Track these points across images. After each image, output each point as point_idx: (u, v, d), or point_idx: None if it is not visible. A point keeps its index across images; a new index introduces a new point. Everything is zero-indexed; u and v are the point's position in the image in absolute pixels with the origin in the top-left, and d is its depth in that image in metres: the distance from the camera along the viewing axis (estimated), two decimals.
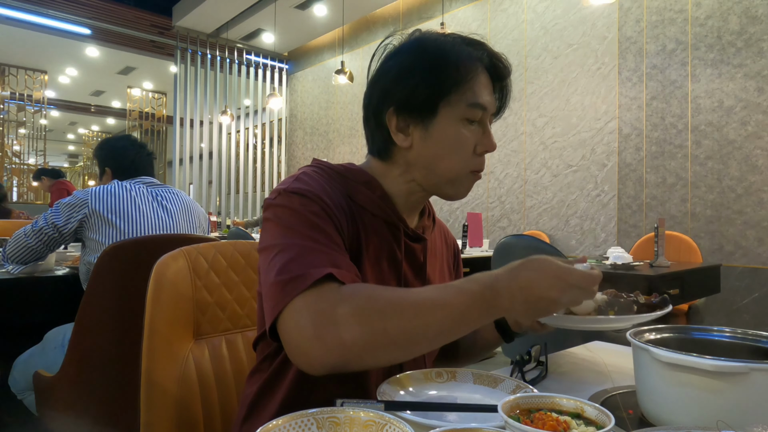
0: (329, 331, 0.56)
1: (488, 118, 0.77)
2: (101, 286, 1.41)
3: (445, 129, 0.73)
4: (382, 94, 0.75)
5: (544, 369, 0.82)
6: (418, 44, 0.75)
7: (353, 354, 0.56)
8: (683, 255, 2.99)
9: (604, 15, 3.84)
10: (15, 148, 9.16)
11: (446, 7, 5.04)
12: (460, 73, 0.72)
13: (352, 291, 0.59)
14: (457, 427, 0.45)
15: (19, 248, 1.70)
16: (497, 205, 4.55)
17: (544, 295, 0.57)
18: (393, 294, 0.59)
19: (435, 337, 0.58)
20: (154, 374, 0.84)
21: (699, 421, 0.54)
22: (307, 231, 0.65)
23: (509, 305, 0.57)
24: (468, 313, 0.57)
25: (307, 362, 0.58)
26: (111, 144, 1.86)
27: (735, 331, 0.67)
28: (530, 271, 0.57)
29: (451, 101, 0.72)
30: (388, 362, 0.61)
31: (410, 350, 0.59)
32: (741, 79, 3.16)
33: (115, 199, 1.67)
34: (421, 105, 0.73)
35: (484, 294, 0.57)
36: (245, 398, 0.78)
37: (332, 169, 0.77)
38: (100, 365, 1.44)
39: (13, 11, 6.34)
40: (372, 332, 0.56)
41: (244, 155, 7.27)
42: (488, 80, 0.76)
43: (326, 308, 0.57)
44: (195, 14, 6.19)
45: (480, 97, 0.73)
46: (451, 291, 0.59)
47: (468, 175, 0.76)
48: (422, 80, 0.72)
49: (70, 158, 16.32)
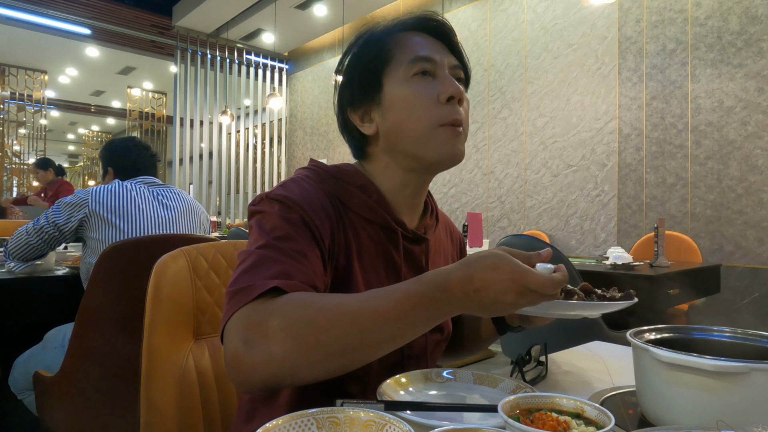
0: (258, 346, 0.53)
1: (444, 69, 0.73)
2: (101, 286, 1.41)
3: (395, 93, 0.73)
4: (340, 101, 0.79)
5: (544, 369, 0.82)
6: (350, 45, 0.79)
7: (285, 369, 0.53)
8: (683, 255, 2.99)
9: (604, 15, 3.84)
10: (15, 148, 9.15)
11: (446, 7, 5.04)
12: (386, 43, 0.74)
13: (285, 302, 0.56)
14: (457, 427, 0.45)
15: (20, 245, 1.73)
16: (497, 205, 4.55)
17: (500, 298, 0.53)
18: (328, 302, 0.56)
19: (376, 345, 0.55)
20: (154, 374, 0.84)
21: (699, 421, 0.54)
22: (274, 240, 0.64)
23: (463, 306, 0.54)
24: (414, 317, 0.54)
25: (237, 379, 0.55)
26: (114, 145, 1.90)
27: (735, 331, 0.67)
28: (485, 272, 0.53)
29: (389, 71, 0.73)
30: (329, 374, 0.56)
31: (351, 361, 0.55)
32: (741, 79, 3.16)
33: (115, 198, 1.68)
34: (363, 89, 0.75)
35: (434, 296, 0.54)
36: (242, 403, 0.78)
37: (326, 172, 0.76)
38: (100, 365, 1.44)
39: (13, 11, 6.34)
40: (304, 345, 0.53)
41: (244, 155, 7.27)
42: (430, 40, 0.75)
43: (259, 322, 0.54)
44: (195, 14, 6.19)
45: (418, 51, 0.73)
46: (394, 295, 0.55)
47: (439, 129, 0.71)
48: (357, 68, 0.75)
49: (70, 158, 16.31)
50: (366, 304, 0.55)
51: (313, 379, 0.55)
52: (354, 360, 0.55)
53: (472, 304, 0.53)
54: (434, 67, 0.72)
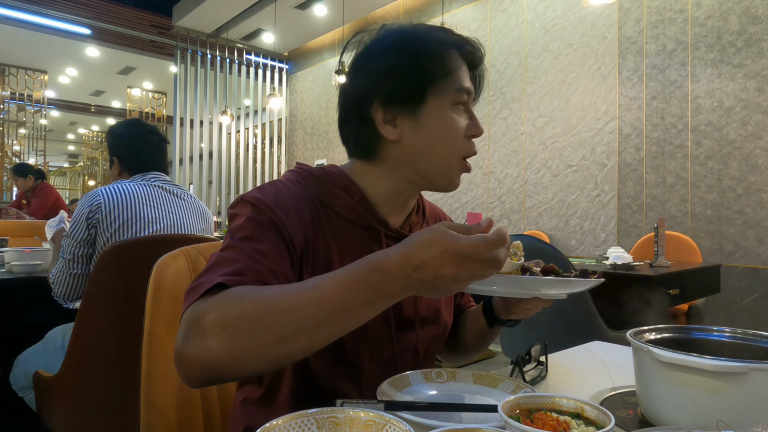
0: (196, 341, 0.54)
1: (471, 103, 0.77)
2: (101, 286, 1.41)
3: (437, 116, 0.72)
4: (364, 91, 0.74)
5: (544, 369, 0.82)
6: (395, 37, 0.75)
7: (222, 361, 0.53)
8: (683, 255, 2.99)
9: (604, 15, 3.84)
10: (15, 148, 9.15)
11: (446, 7, 5.04)
12: (444, 60, 0.72)
13: (223, 296, 0.56)
14: (457, 427, 0.45)
15: (69, 284, 1.60)
16: (497, 205, 4.55)
17: (440, 272, 0.49)
18: (262, 293, 0.55)
19: (313, 331, 0.53)
20: (154, 374, 0.84)
21: (699, 421, 0.54)
22: (237, 241, 0.65)
23: (406, 287, 0.51)
24: (351, 301, 0.52)
25: (180, 374, 0.56)
26: (118, 131, 1.76)
27: (735, 331, 0.67)
28: (421, 248, 0.50)
29: (437, 88, 0.72)
30: (270, 365, 0.55)
31: (291, 350, 0.53)
32: (741, 79, 3.16)
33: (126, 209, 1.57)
34: (408, 95, 0.72)
35: (370, 279, 0.52)
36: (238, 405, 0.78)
37: (310, 174, 0.77)
38: (100, 365, 1.44)
39: (13, 11, 6.34)
40: (237, 336, 0.52)
41: (244, 155, 7.27)
42: (466, 66, 0.76)
43: (197, 317, 0.55)
44: (195, 14, 6.19)
45: (465, 82, 0.74)
46: (329, 281, 0.53)
47: (459, 162, 0.75)
48: (408, 71, 0.72)
49: (70, 158, 16.31)
50: (300, 292, 0.54)
51: (254, 370, 0.54)
52: (294, 349, 0.53)
53: (415, 283, 0.51)
54: (469, 101, 0.76)
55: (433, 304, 0.84)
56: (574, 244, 4.00)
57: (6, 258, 1.99)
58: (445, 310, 0.87)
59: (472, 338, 0.92)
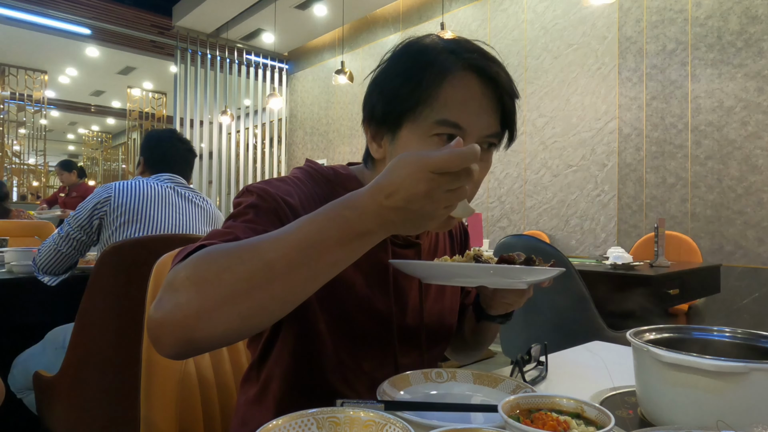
0: (167, 299, 0.50)
1: (473, 139, 0.64)
2: (101, 286, 1.41)
3: (408, 145, 0.66)
4: (363, 104, 0.74)
5: (544, 369, 0.82)
6: (394, 53, 0.71)
7: (191, 317, 0.49)
8: (683, 255, 2.99)
9: (604, 15, 3.84)
10: (15, 148, 9.15)
11: (446, 7, 5.03)
12: (424, 82, 0.64)
13: (197, 254, 0.53)
14: (457, 427, 0.45)
15: (50, 257, 1.65)
16: (497, 205, 4.55)
17: (412, 192, 0.46)
18: (233, 243, 0.52)
19: (286, 276, 0.49)
20: (154, 374, 0.84)
21: (699, 421, 0.54)
22: (236, 222, 0.64)
23: (379, 219, 0.48)
24: (325, 241, 0.48)
25: (152, 342, 0.52)
26: (152, 134, 1.89)
27: (735, 331, 0.67)
28: (391, 173, 0.47)
29: (415, 116, 0.65)
30: (243, 320, 0.50)
31: (261, 300, 0.49)
32: (741, 79, 3.16)
33: (137, 198, 1.62)
34: (383, 117, 0.68)
35: (343, 215, 0.48)
36: (238, 407, 0.78)
37: (320, 173, 0.76)
38: (100, 365, 1.44)
39: (13, 11, 6.34)
40: (207, 287, 0.49)
41: (244, 155, 7.27)
42: (474, 95, 0.65)
43: (171, 279, 0.52)
44: (195, 14, 6.19)
45: (451, 114, 0.64)
46: (301, 222, 0.50)
47: None
48: (386, 90, 0.68)
49: (71, 158, 16.28)
50: (271, 235, 0.51)
51: (226, 328, 0.50)
52: (268, 297, 0.49)
53: (389, 213, 0.47)
54: (462, 134, 0.64)
55: (438, 309, 0.84)
56: (574, 244, 4.00)
57: (6, 258, 1.99)
58: (449, 316, 0.86)
59: (469, 335, 0.92)
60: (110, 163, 12.49)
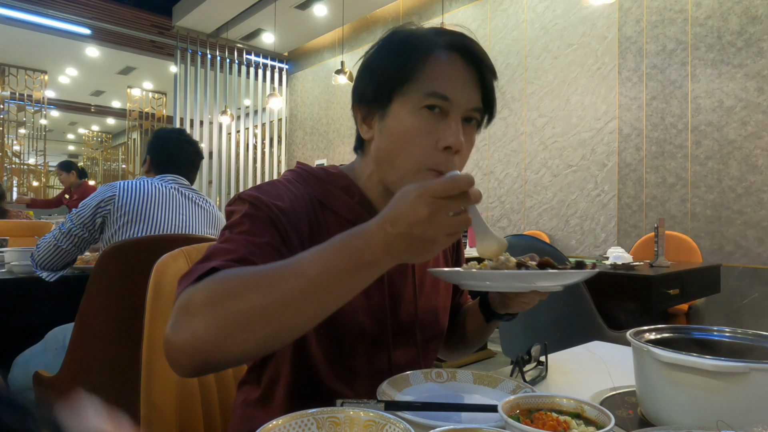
0: (183, 325, 0.52)
1: (458, 112, 0.69)
2: (101, 286, 1.41)
3: (400, 119, 0.69)
4: (352, 90, 0.77)
5: (544, 369, 0.82)
6: (383, 38, 0.75)
7: (210, 344, 0.51)
8: (683, 255, 2.99)
9: (604, 15, 3.84)
10: (15, 148, 9.15)
11: (446, 7, 5.03)
12: (412, 60, 0.69)
13: (212, 278, 0.55)
14: (457, 427, 0.45)
15: (49, 252, 1.64)
16: (497, 205, 4.55)
17: (414, 217, 0.48)
18: (248, 270, 0.54)
19: (296, 304, 0.51)
20: (154, 374, 0.84)
21: (699, 421, 0.54)
22: (234, 234, 0.65)
23: (386, 248, 0.49)
24: (335, 270, 0.50)
25: (170, 363, 0.54)
26: (159, 133, 1.87)
27: (735, 331, 0.67)
28: (396, 202, 0.50)
29: (405, 90, 0.69)
30: (259, 345, 0.53)
31: (275, 327, 0.52)
32: (741, 79, 3.16)
33: (140, 197, 1.62)
34: (374, 95, 0.72)
35: (351, 245, 0.50)
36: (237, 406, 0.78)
37: (310, 174, 0.77)
38: (100, 365, 1.44)
39: (13, 11, 6.34)
40: (224, 314, 0.51)
41: (244, 155, 7.27)
42: (458, 71, 0.70)
43: (186, 302, 0.54)
44: (195, 14, 6.19)
45: (439, 86, 0.68)
46: (312, 252, 0.52)
47: (423, 173, 0.69)
48: (376, 70, 0.72)
49: (70, 158, 16.28)
50: (284, 264, 0.53)
51: (243, 352, 0.52)
52: (282, 324, 0.51)
53: (394, 241, 0.49)
54: (448, 106, 0.68)
55: (432, 306, 0.84)
56: (574, 244, 4.00)
57: (6, 258, 1.99)
58: (442, 313, 0.87)
59: (471, 333, 0.92)
60: (110, 163, 12.48)
